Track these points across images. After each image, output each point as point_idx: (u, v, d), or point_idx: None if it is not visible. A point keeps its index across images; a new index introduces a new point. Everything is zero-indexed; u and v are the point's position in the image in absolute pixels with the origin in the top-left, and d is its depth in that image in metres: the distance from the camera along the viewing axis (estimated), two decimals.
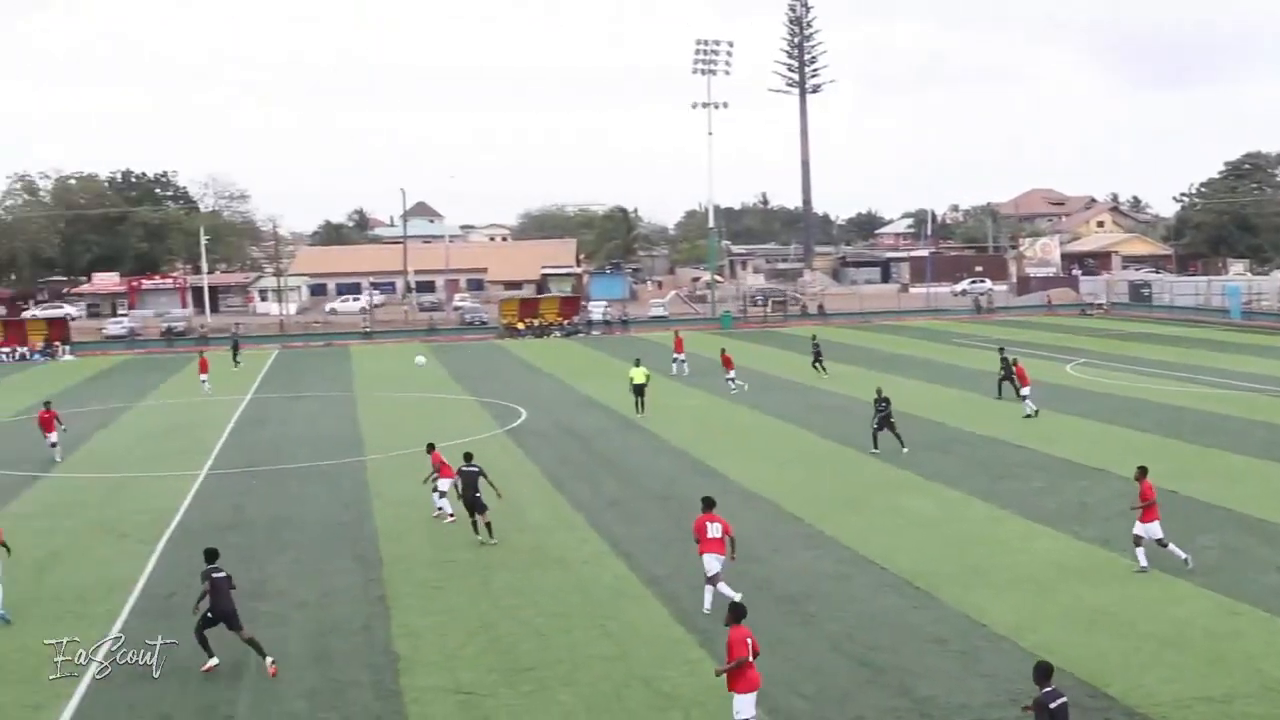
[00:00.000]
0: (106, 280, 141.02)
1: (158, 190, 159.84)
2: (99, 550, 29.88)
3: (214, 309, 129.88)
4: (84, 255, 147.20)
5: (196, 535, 30.73)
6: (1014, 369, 48.65)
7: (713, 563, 23.17)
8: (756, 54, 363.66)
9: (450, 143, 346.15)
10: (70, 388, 69.02)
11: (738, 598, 21.49)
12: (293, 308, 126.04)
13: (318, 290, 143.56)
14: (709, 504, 23.99)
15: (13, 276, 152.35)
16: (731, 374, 56.86)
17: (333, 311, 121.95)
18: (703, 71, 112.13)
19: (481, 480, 29.17)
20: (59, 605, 25.10)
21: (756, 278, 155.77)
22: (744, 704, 16.97)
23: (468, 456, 30.17)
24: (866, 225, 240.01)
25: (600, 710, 18.77)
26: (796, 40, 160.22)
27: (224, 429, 49.54)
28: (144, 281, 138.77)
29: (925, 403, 50.01)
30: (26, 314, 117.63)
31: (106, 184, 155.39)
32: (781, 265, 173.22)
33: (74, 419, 53.93)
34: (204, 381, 62.63)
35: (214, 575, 21.13)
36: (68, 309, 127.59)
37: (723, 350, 59.55)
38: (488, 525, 29.05)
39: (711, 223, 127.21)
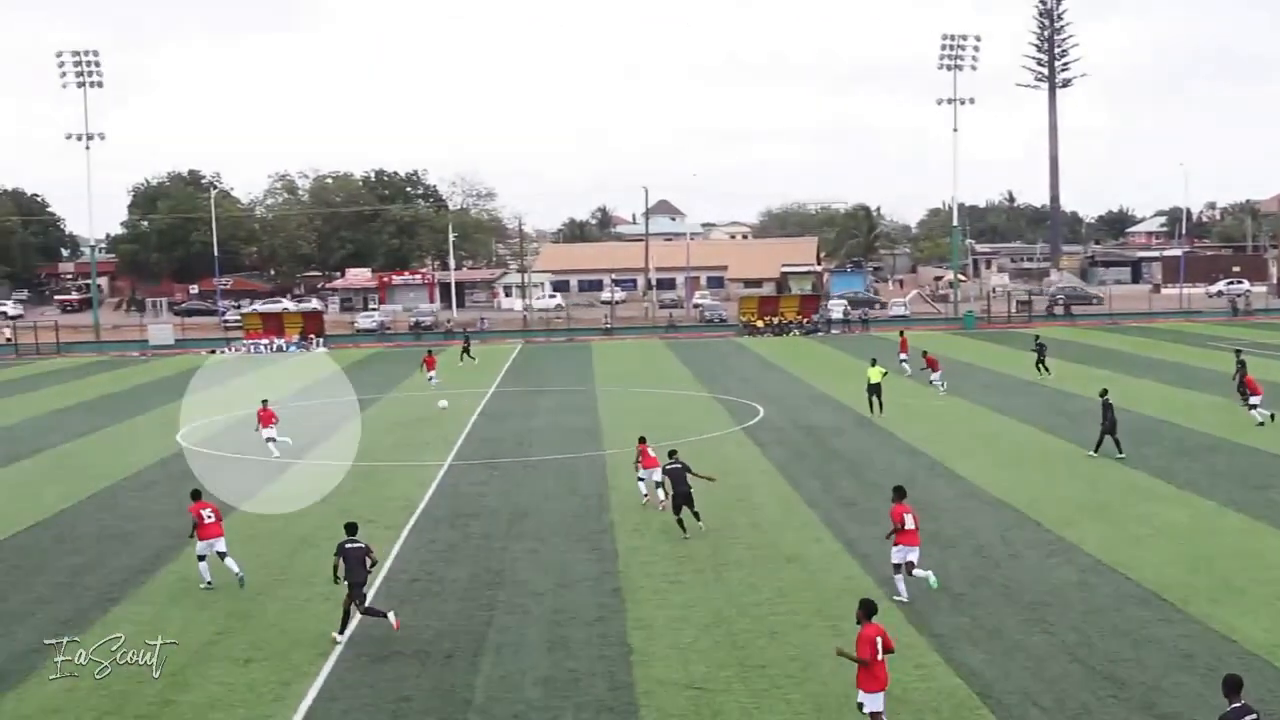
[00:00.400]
0: (359, 275, 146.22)
1: (408, 189, 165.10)
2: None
3: (460, 304, 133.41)
4: (338, 251, 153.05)
5: (439, 523, 31.72)
6: (1244, 376, 46.39)
7: (906, 553, 23.82)
8: (1004, 49, 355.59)
9: (693, 140, 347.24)
10: (322, 379, 71.87)
11: (904, 597, 23.21)
12: (539, 303, 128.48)
13: (560, 286, 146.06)
14: (901, 493, 24.91)
15: (272, 272, 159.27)
16: (936, 375, 55.85)
17: (528, 308, 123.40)
18: (948, 66, 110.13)
19: (689, 475, 29.49)
20: (307, 588, 26.09)
21: (1000, 277, 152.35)
22: (871, 700, 17.09)
23: (671, 454, 30.53)
24: (1116, 224, 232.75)
25: (830, 711, 18.63)
26: (1047, 34, 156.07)
27: (467, 422, 50.78)
28: (394, 277, 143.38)
29: (1177, 408, 48.22)
30: (283, 307, 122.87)
31: (361, 183, 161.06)
32: (1027, 264, 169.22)
33: (325, 410, 56.14)
34: (431, 379, 63.45)
35: (346, 546, 22.67)
36: (319, 303, 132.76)
37: (924, 352, 58.44)
38: (695, 513, 29.33)
39: (955, 221, 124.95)
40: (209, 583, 26.19)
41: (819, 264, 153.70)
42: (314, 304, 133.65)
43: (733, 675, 20.13)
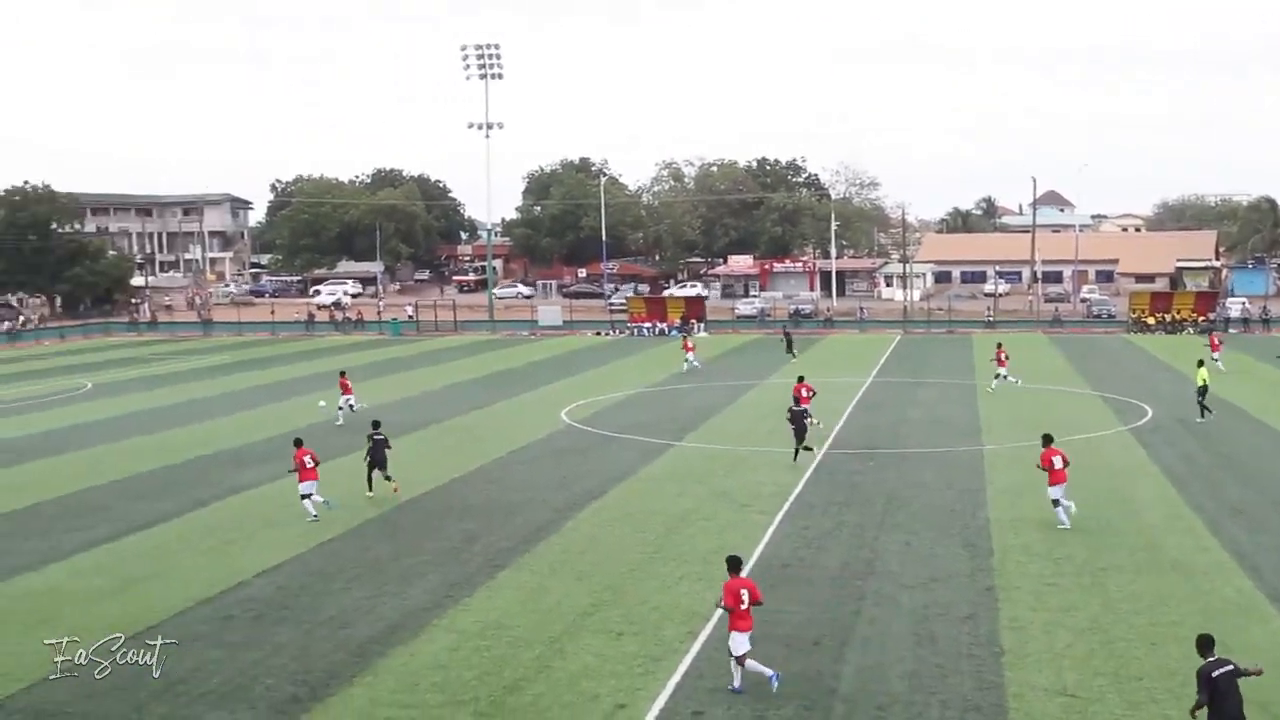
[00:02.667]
0: (740, 262, 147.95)
1: (791, 176, 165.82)
2: (722, 516, 31.44)
3: (840, 293, 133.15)
4: (721, 238, 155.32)
5: (813, 510, 31.79)
6: None
7: (1057, 492, 29.44)
8: None
9: (1085, 128, 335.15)
10: (703, 363, 73.28)
11: (1066, 524, 28.63)
12: (916, 294, 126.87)
13: (942, 277, 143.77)
14: (1048, 440, 30.63)
15: (656, 257, 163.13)
16: (1002, 371, 56.85)
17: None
18: None
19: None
20: (682, 566, 26.63)
21: None
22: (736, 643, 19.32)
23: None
24: None
25: None
26: None
27: (844, 411, 50.68)
28: (775, 264, 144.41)
29: None
30: (667, 292, 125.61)
31: (744, 170, 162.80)
32: None
33: (700, 393, 57.14)
34: (691, 360, 68.35)
35: (374, 437, 33.95)
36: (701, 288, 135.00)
37: (999, 344, 60.23)
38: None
39: None
40: (315, 517, 31.30)
41: (1217, 259, 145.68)
42: (696, 289, 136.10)
43: (1107, 684, 19.35)
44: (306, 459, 31.51)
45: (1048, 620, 22.51)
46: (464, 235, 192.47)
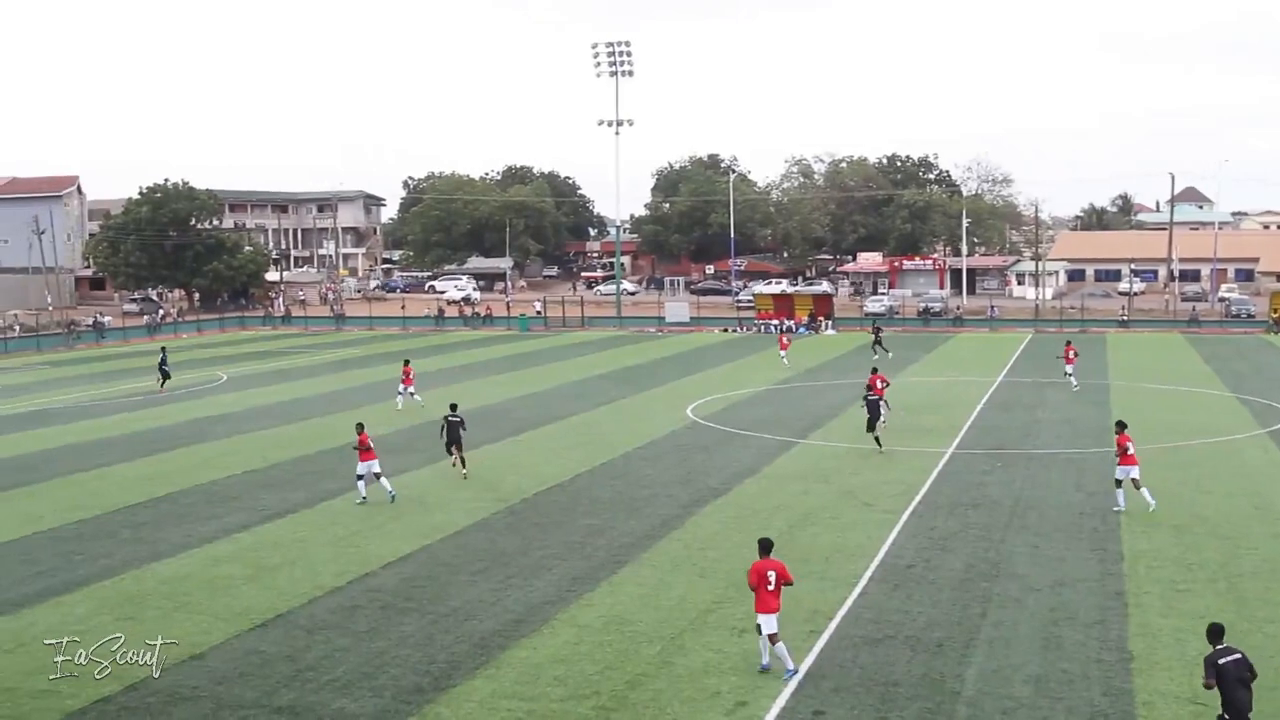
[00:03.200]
0: (870, 259, 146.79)
1: (922, 173, 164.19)
2: (846, 515, 31.23)
3: (970, 291, 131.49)
4: (850, 235, 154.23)
5: (939, 511, 31.44)
6: None
7: (1129, 472, 30.48)
8: None
9: (1226, 122, 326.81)
10: (829, 361, 72.89)
11: (1122, 507, 29.99)
12: (1049, 292, 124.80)
13: (1076, 276, 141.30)
14: (1122, 425, 31.52)
15: (784, 254, 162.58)
16: (1069, 369, 58.17)
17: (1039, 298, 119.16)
18: None
19: None
20: (805, 565, 26.44)
21: None
22: (766, 622, 19.85)
23: None
24: None
25: None
26: None
27: (973, 410, 50.06)
28: (904, 262, 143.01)
29: None
30: (795, 289, 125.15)
31: (875, 167, 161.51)
32: None
33: (826, 391, 56.80)
34: (784, 357, 69.94)
35: (450, 419, 35.08)
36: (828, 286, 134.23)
37: (1068, 342, 61.32)
38: None
39: None
40: (364, 498, 32.99)
41: None
42: (824, 287, 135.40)
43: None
44: (368, 441, 33.83)
45: (1178, 626, 22.01)
46: (592, 232, 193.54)
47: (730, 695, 19.03)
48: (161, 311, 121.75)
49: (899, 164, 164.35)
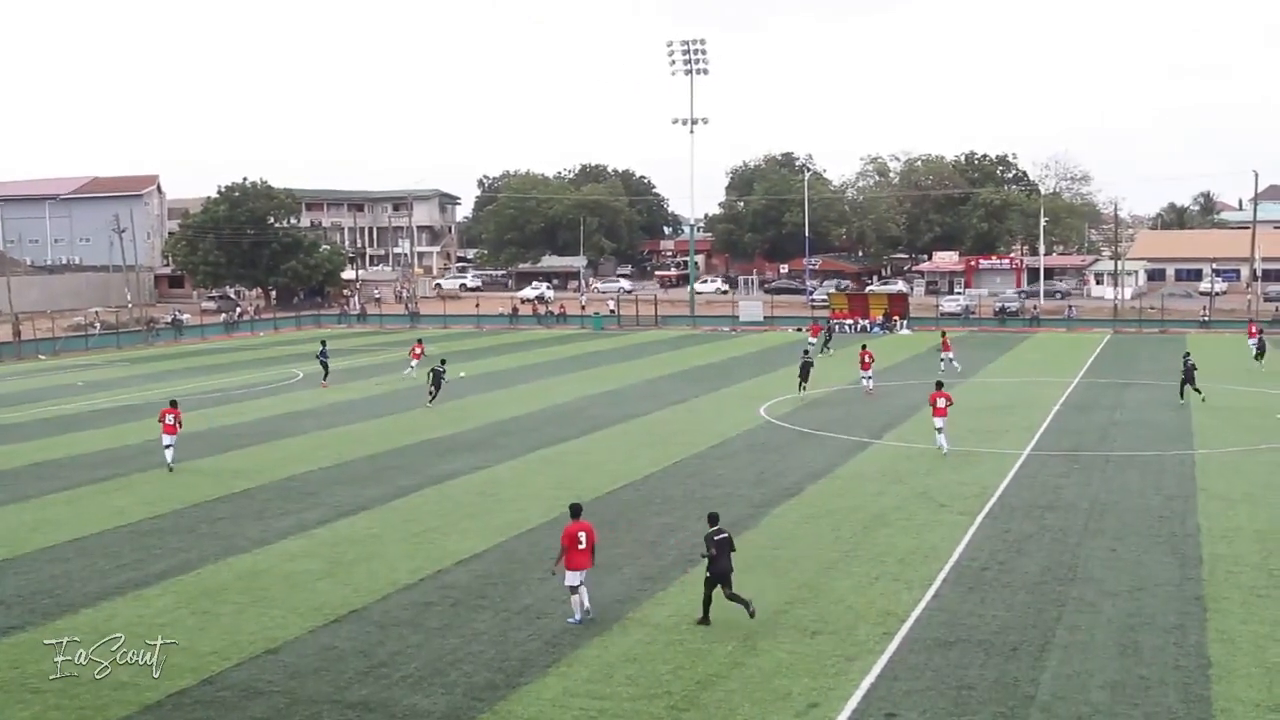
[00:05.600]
0: (945, 259, 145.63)
1: (999, 171, 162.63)
2: (920, 516, 31.00)
3: (1048, 291, 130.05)
4: (926, 234, 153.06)
5: (1014, 513, 31.15)
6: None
7: None
8: None
9: None
10: (902, 362, 72.43)
11: None
12: (1128, 292, 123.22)
13: (1155, 275, 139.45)
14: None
15: (859, 253, 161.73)
16: (948, 355, 63.31)
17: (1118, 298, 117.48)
18: None
19: None
20: (878, 566, 26.34)
21: None
22: (570, 576, 22.56)
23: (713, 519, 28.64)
24: None
25: None
26: None
27: (1049, 411, 49.57)
28: (981, 261, 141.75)
29: None
30: (869, 288, 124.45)
31: (951, 165, 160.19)
32: None
33: (901, 391, 56.45)
34: (824, 346, 73.72)
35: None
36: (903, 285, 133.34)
37: (943, 331, 63.48)
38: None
39: None
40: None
41: None
42: (899, 286, 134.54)
43: None
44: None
45: (1259, 634, 21.65)
46: (667, 230, 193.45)
47: (802, 697, 18.95)
48: (239, 309, 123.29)
49: (976, 162, 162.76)
